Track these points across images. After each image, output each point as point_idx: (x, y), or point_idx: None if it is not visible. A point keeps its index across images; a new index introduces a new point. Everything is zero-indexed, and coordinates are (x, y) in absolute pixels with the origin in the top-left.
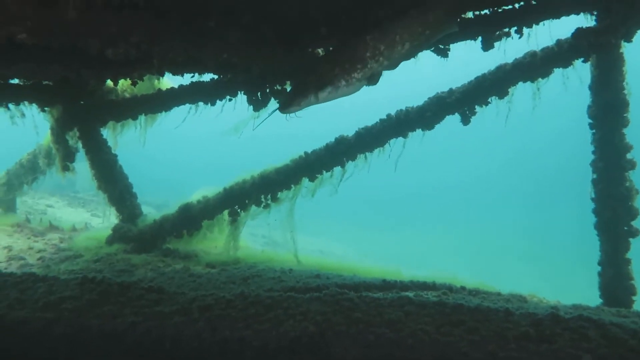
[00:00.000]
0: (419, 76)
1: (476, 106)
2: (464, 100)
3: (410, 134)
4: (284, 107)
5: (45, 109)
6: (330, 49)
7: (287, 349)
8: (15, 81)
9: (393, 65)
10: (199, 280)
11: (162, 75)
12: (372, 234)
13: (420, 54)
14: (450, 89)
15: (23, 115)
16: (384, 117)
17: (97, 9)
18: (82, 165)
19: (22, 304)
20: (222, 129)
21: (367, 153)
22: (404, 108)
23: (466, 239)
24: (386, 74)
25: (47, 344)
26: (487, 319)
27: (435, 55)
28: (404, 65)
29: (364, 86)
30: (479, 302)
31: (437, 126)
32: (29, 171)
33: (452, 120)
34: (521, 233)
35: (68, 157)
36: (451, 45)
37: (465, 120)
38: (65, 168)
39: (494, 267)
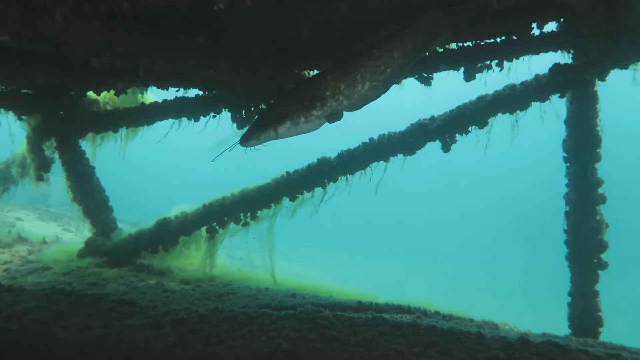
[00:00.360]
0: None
1: (457, 134)
2: (445, 128)
3: (392, 158)
4: (244, 140)
5: (22, 117)
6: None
7: None
8: None
9: (354, 107)
10: (172, 295)
11: (147, 88)
12: (351, 260)
13: (405, 82)
14: (432, 116)
15: None
16: (366, 140)
17: (84, 17)
18: (56, 178)
19: None
20: (206, 144)
21: (348, 175)
22: (386, 132)
23: (444, 270)
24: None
25: (10, 356)
26: (459, 341)
27: (419, 83)
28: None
29: (324, 124)
30: (452, 325)
31: (424, 156)
32: (0, 181)
33: (439, 153)
34: (499, 268)
35: (43, 167)
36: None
37: (446, 148)
38: (40, 178)
39: (470, 298)
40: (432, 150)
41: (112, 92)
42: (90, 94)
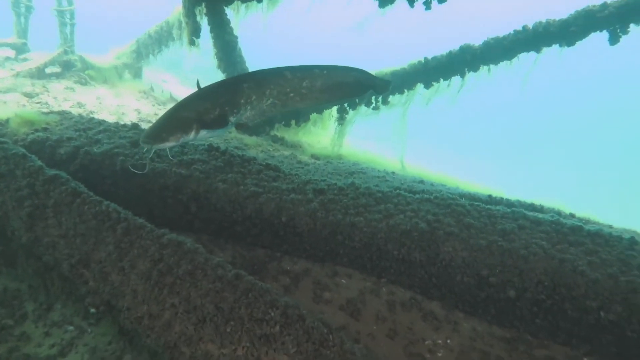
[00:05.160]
0: None
1: (632, 24)
2: (619, 16)
3: (545, 49)
4: (159, 141)
5: None
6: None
7: (397, 240)
8: None
9: (253, 118)
10: (306, 167)
11: None
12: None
13: None
14: (605, 2)
15: None
16: (519, 28)
17: None
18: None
19: (161, 159)
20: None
21: (492, 65)
22: (544, 20)
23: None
24: None
25: (180, 196)
26: (608, 245)
27: None
28: None
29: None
30: (600, 228)
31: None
32: (155, 42)
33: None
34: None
35: (195, 32)
36: None
37: (614, 40)
38: (192, 42)
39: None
40: None
41: None
42: None
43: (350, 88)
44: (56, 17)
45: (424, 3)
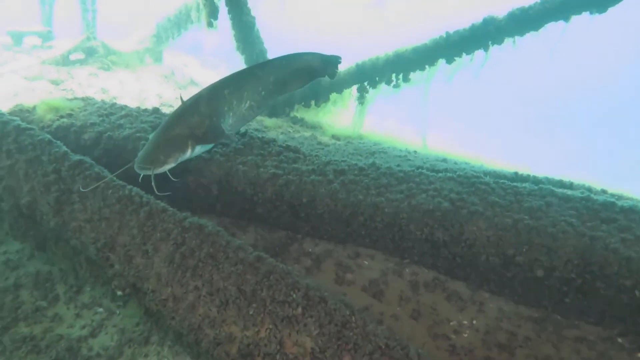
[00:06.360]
0: None
1: None
2: None
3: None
4: (159, 164)
5: None
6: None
7: (419, 220)
8: None
9: (235, 126)
10: (327, 148)
11: None
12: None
13: None
14: None
15: None
16: None
17: None
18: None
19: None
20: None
21: (517, 37)
22: None
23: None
24: None
25: (201, 180)
26: None
27: None
28: None
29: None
30: (635, 203)
31: None
32: (175, 26)
33: None
34: None
35: (213, 13)
36: None
37: None
38: (210, 24)
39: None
40: None
41: None
42: None
43: (307, 72)
44: (79, 3)
45: None
